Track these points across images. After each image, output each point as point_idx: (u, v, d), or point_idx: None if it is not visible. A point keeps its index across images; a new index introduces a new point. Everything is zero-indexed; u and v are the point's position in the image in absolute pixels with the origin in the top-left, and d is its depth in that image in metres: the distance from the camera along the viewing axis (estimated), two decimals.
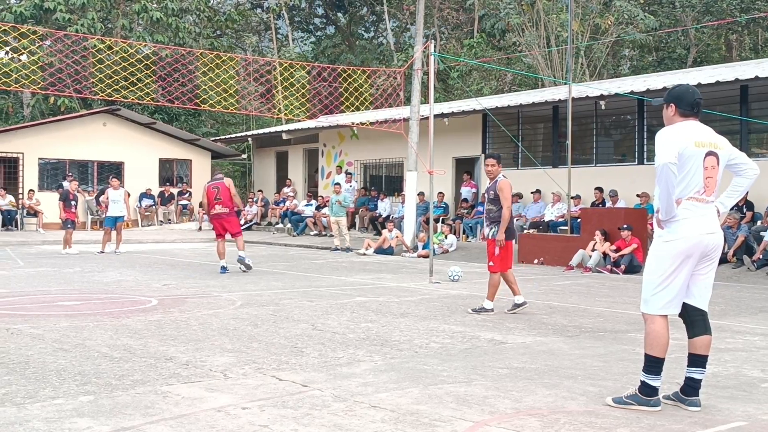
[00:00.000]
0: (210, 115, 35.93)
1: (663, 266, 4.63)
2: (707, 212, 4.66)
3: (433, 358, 6.20)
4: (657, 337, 4.65)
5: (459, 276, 12.54)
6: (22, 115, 32.44)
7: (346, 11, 43.25)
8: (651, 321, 4.69)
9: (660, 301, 4.65)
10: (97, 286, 11.21)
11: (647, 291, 4.71)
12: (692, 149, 4.57)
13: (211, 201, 13.90)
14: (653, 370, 4.66)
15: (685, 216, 4.59)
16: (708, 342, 4.73)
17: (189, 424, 4.25)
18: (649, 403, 4.64)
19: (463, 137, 21.96)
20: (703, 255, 4.65)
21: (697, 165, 4.59)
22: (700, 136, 4.64)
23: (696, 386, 4.71)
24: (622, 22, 28.72)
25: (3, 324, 7.51)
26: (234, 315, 8.35)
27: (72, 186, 19.11)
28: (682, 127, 4.65)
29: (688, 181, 4.59)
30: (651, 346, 4.67)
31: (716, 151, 4.67)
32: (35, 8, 31.03)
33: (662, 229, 4.66)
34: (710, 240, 4.64)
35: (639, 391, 4.68)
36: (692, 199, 4.60)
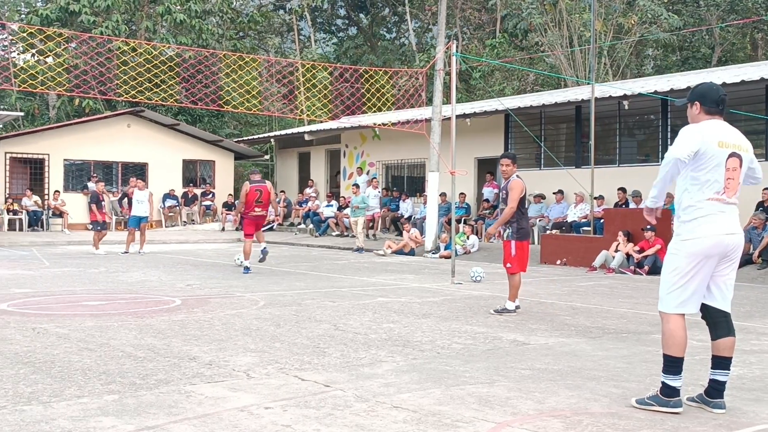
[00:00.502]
0: (233, 116, 36.12)
1: (681, 265, 4.60)
2: (728, 212, 4.61)
3: (456, 358, 6.19)
4: (674, 336, 4.61)
5: (481, 277, 12.52)
6: (47, 117, 32.80)
7: (368, 12, 43.30)
8: (667, 320, 4.66)
9: (676, 300, 4.62)
10: (121, 286, 11.31)
11: (664, 289, 4.69)
12: (715, 149, 4.54)
13: (252, 202, 13.76)
14: (672, 370, 4.61)
15: (705, 215, 4.56)
16: (732, 343, 4.67)
17: (212, 423, 4.28)
18: (670, 404, 4.60)
19: (486, 138, 21.91)
20: (722, 255, 4.60)
21: (719, 165, 4.55)
22: (724, 136, 4.59)
23: (720, 388, 4.66)
24: (646, 21, 28.53)
25: (29, 323, 7.60)
26: (257, 315, 8.39)
27: (99, 187, 19.28)
28: (707, 126, 4.61)
29: (710, 181, 4.55)
30: (668, 345, 4.64)
31: (740, 153, 4.63)
32: (61, 11, 31.36)
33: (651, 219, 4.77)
34: (730, 240, 4.59)
35: (660, 392, 4.64)
36: (712, 200, 4.57)
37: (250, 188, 13.84)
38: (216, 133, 32.19)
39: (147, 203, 18.69)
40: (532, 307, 9.42)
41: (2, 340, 6.65)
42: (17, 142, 25.76)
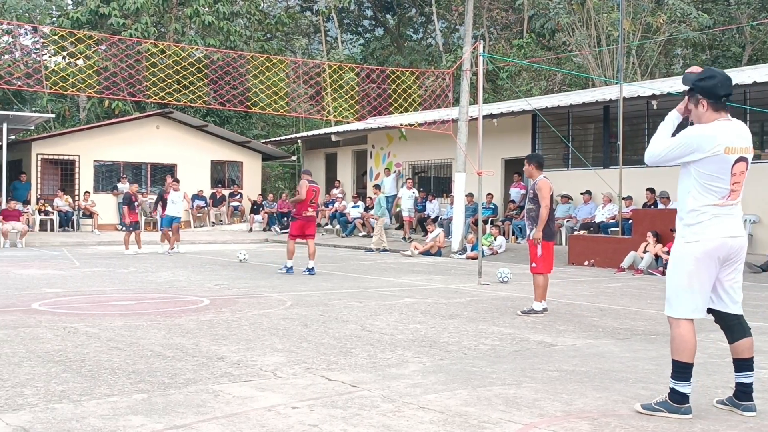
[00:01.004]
0: (260, 118, 36.31)
1: (685, 268, 4.53)
2: (732, 215, 4.54)
3: (482, 359, 6.18)
4: (683, 342, 4.53)
5: (508, 277, 12.48)
6: (78, 119, 33.17)
7: (395, 13, 43.31)
8: (676, 325, 4.58)
9: (684, 304, 4.54)
10: (150, 286, 11.41)
11: (671, 294, 4.61)
12: (722, 155, 4.42)
13: (307, 202, 13.64)
14: (681, 376, 4.54)
15: (709, 218, 4.48)
16: (750, 344, 4.60)
17: (240, 422, 4.31)
18: (680, 410, 4.51)
19: (513, 138, 21.83)
20: (726, 259, 4.53)
21: (725, 171, 4.45)
22: (732, 141, 4.45)
23: (748, 390, 4.60)
24: (675, 20, 28.26)
25: (60, 323, 7.70)
26: (284, 315, 8.43)
27: (132, 188, 19.51)
28: (714, 129, 4.46)
29: (716, 187, 4.46)
30: (677, 351, 4.56)
31: (747, 156, 4.52)
32: (91, 14, 31.71)
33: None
34: (734, 243, 4.53)
35: (669, 398, 4.57)
36: (717, 205, 4.48)
37: (309, 187, 13.65)
38: (244, 134, 32.38)
39: (181, 203, 18.88)
40: (560, 309, 9.37)
41: (34, 339, 6.74)
42: (48, 143, 26.10)
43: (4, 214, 21.06)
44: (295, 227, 13.81)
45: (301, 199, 13.62)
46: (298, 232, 13.78)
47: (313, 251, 13.74)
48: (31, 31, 32.83)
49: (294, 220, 13.99)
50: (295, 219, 13.90)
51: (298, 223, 13.75)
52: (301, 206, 13.67)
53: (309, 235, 13.82)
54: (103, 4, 31.78)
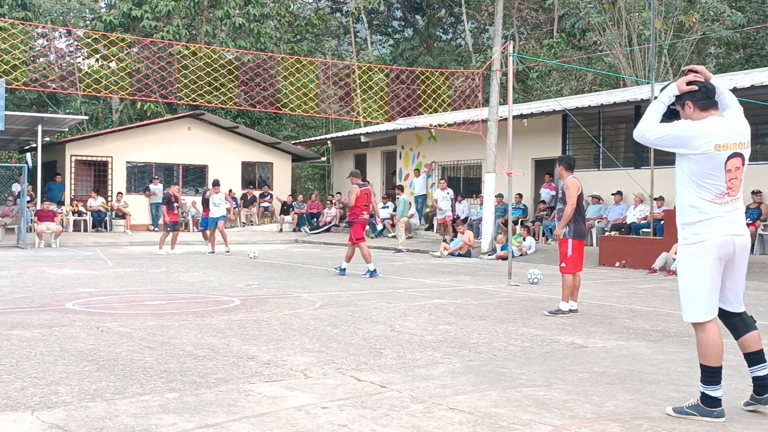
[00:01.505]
0: (290, 119, 36.48)
1: (693, 270, 4.50)
2: (733, 212, 4.50)
3: (512, 361, 6.16)
4: (710, 346, 4.47)
5: (538, 278, 12.42)
6: (111, 120, 33.55)
7: (425, 13, 43.27)
8: (701, 329, 4.52)
9: (702, 306, 4.49)
10: (182, 286, 11.52)
11: (687, 299, 4.56)
12: (713, 153, 4.40)
13: (361, 205, 13.44)
14: (711, 380, 4.48)
15: (709, 217, 4.45)
16: (757, 336, 4.58)
17: (270, 422, 4.34)
18: (713, 414, 4.46)
19: (543, 138, 21.72)
20: (731, 257, 4.50)
21: (718, 168, 4.41)
22: (722, 137, 4.41)
23: (765, 383, 4.54)
24: (708, 19, 27.93)
25: (94, 322, 7.80)
26: (314, 315, 8.46)
27: (173, 189, 19.74)
28: (705, 126, 4.44)
29: (710, 184, 4.44)
30: (704, 355, 4.50)
31: (741, 152, 4.48)
32: (123, 17, 32.07)
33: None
34: (737, 241, 4.50)
35: (701, 402, 4.51)
36: (715, 202, 4.45)
37: (360, 192, 13.46)
38: (274, 135, 32.56)
39: (224, 204, 19.23)
40: (591, 310, 9.31)
41: (68, 338, 6.84)
42: (82, 145, 26.43)
43: (39, 215, 21.37)
44: (358, 230, 13.53)
45: (350, 206, 13.51)
46: (363, 234, 13.58)
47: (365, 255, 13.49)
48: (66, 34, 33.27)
49: (351, 225, 13.76)
50: (352, 223, 13.66)
51: (358, 226, 13.51)
52: (356, 210, 13.47)
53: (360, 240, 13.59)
54: (136, 7, 32.13)
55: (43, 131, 23.79)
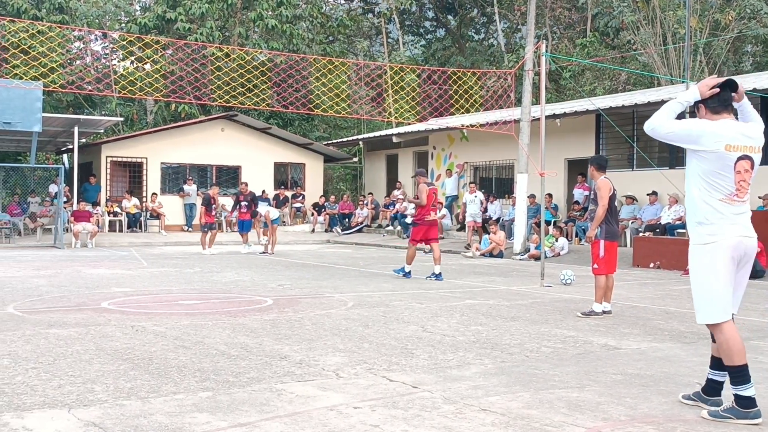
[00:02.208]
0: (322, 120, 36.60)
1: (706, 270, 4.50)
2: (743, 214, 4.54)
3: (545, 362, 6.13)
4: (732, 345, 4.45)
5: (571, 280, 12.34)
6: (145, 122, 33.92)
7: (457, 14, 43.18)
8: (719, 330, 4.50)
9: (718, 307, 4.48)
10: (215, 286, 11.61)
11: (702, 301, 4.53)
12: (722, 152, 4.45)
13: (429, 205, 13.13)
14: (740, 380, 4.44)
15: (720, 217, 4.48)
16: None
17: (302, 421, 4.36)
18: (749, 415, 4.41)
19: (576, 138, 21.57)
20: (740, 258, 4.52)
21: (727, 168, 4.46)
22: (734, 138, 4.47)
23: (720, 388, 4.67)
24: (744, 16, 27.53)
25: (129, 321, 7.89)
26: (346, 315, 8.48)
27: (213, 191, 19.97)
28: (718, 126, 4.50)
29: (720, 184, 4.47)
30: (729, 356, 4.46)
31: (752, 156, 4.53)
32: (158, 19, 32.42)
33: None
34: (748, 243, 4.54)
35: (736, 404, 4.46)
36: (725, 201, 4.48)
37: (429, 190, 13.10)
38: (306, 136, 32.69)
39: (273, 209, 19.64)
40: (624, 311, 9.23)
41: (103, 337, 6.93)
42: (117, 146, 26.74)
43: (75, 215, 21.67)
44: (418, 232, 13.23)
45: (423, 204, 13.11)
46: (421, 236, 13.24)
47: (438, 256, 13.13)
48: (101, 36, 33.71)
49: (415, 225, 13.43)
50: (417, 224, 13.33)
51: (421, 228, 13.18)
52: (423, 210, 13.12)
53: (432, 239, 13.30)
54: (170, 9, 32.46)
55: (80, 133, 24.13)
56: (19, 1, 31.58)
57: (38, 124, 20.70)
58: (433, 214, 13.30)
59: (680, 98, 4.65)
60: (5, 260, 15.95)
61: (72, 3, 32.71)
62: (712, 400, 4.66)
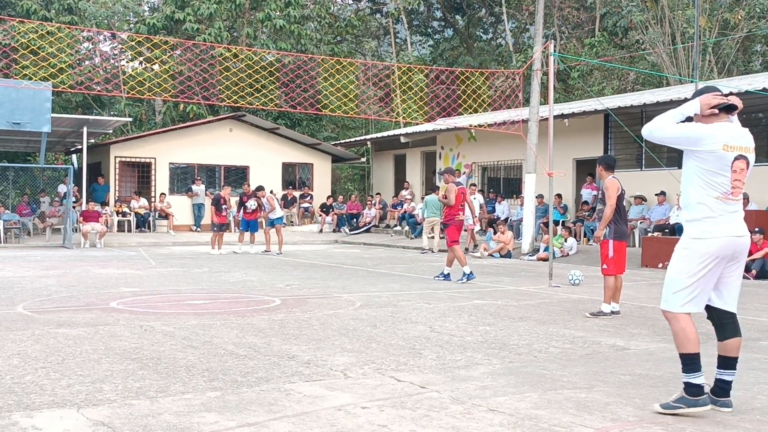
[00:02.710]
0: (330, 120, 36.64)
1: (691, 265, 4.60)
2: (736, 213, 4.66)
3: (553, 362, 6.12)
4: (686, 333, 4.61)
5: (580, 280, 12.31)
6: (154, 122, 34.01)
7: (465, 13, 43.15)
8: (675, 319, 4.66)
9: (683, 300, 4.62)
10: (224, 285, 11.63)
11: (671, 289, 4.68)
12: (721, 152, 4.58)
13: (458, 205, 12.79)
14: (692, 368, 4.59)
15: (717, 216, 4.59)
16: (739, 344, 4.72)
17: (310, 421, 4.36)
18: (698, 402, 4.56)
19: (584, 138, 21.53)
20: (731, 258, 4.63)
21: (724, 167, 4.59)
22: (730, 139, 4.62)
23: (727, 388, 4.70)
24: (754, 16, 27.43)
25: (137, 321, 7.91)
26: (353, 315, 8.49)
27: (225, 191, 20.01)
28: (715, 129, 4.64)
29: (716, 183, 4.59)
30: (682, 344, 4.63)
31: (747, 156, 4.67)
32: (166, 19, 32.50)
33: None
34: (740, 242, 4.65)
35: (685, 393, 4.60)
36: (721, 199, 4.60)
37: (458, 190, 12.80)
38: (314, 136, 32.72)
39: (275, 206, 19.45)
40: (633, 312, 9.20)
41: (112, 337, 6.95)
42: (126, 146, 26.82)
43: (84, 216, 21.74)
44: (454, 232, 12.81)
45: (452, 204, 12.77)
46: (458, 236, 12.91)
47: (453, 258, 12.83)
48: (110, 37, 33.82)
49: (446, 226, 13.04)
50: (448, 225, 12.94)
51: (454, 228, 12.81)
52: (453, 211, 12.76)
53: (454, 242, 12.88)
54: (178, 9, 32.53)
55: (88, 133, 24.20)
56: (29, 2, 31.70)
57: (47, 125, 20.78)
58: (461, 215, 12.98)
59: (682, 109, 4.77)
60: (15, 260, 16.02)
61: (81, 4, 32.82)
62: (721, 401, 4.68)
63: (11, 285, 11.24)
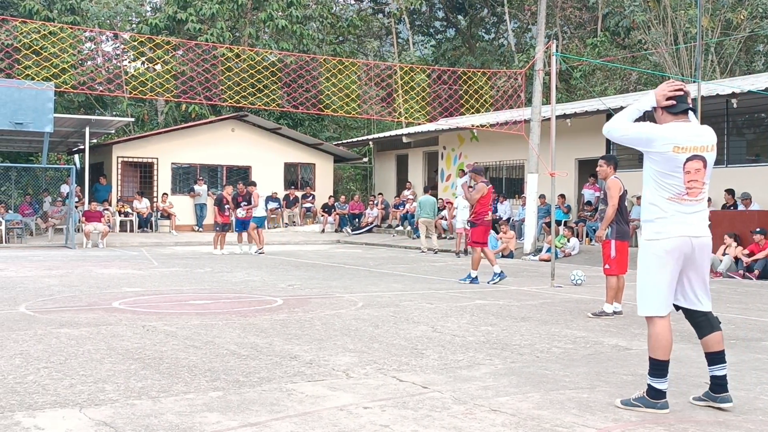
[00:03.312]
0: (333, 120, 36.65)
1: (650, 266, 4.69)
2: (693, 214, 4.66)
3: (555, 363, 6.12)
4: (660, 340, 4.67)
5: (582, 280, 12.30)
6: (156, 122, 34.03)
7: (467, 14, 43.14)
8: (653, 324, 4.71)
9: (654, 302, 4.67)
10: (226, 285, 11.64)
11: (641, 293, 4.75)
12: (670, 154, 4.62)
13: (487, 204, 12.50)
14: (658, 373, 4.66)
15: (668, 217, 4.63)
16: (719, 338, 4.77)
17: (312, 421, 4.36)
18: (656, 405, 4.64)
19: (586, 138, 21.50)
20: (688, 257, 4.66)
21: (676, 168, 4.62)
22: (683, 140, 4.62)
23: (722, 383, 4.73)
24: (756, 16, 27.40)
25: (139, 321, 7.92)
26: (355, 315, 8.49)
27: (227, 190, 20.01)
28: (666, 130, 4.68)
29: (669, 184, 4.64)
30: (654, 348, 4.69)
31: (703, 155, 4.66)
32: (168, 20, 32.52)
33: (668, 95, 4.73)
34: (697, 243, 4.67)
35: (647, 394, 4.69)
36: (674, 200, 4.63)
37: (488, 189, 12.47)
38: (316, 136, 32.73)
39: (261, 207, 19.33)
40: (635, 312, 9.16)
41: (114, 337, 6.95)
42: (128, 146, 26.84)
43: (86, 216, 21.76)
44: (481, 233, 12.45)
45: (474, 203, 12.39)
46: (487, 238, 12.63)
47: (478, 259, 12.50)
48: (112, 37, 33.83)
49: (473, 225, 12.59)
50: (475, 225, 12.52)
51: (482, 229, 12.45)
52: (482, 210, 12.39)
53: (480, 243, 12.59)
54: (181, 10, 32.55)
55: (91, 133, 24.22)
56: (31, 2, 31.73)
57: (50, 125, 20.80)
58: (490, 215, 12.61)
59: (638, 105, 4.82)
60: (17, 260, 16.03)
61: (83, 4, 32.85)
62: (720, 397, 4.71)
63: (14, 285, 11.25)
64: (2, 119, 20.34)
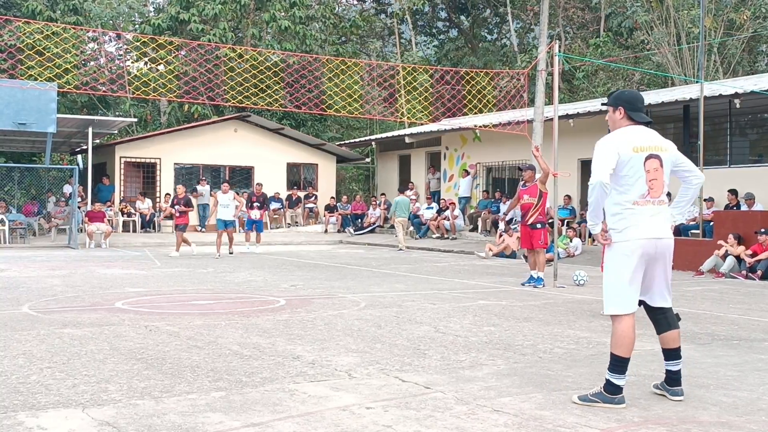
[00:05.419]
0: (335, 120, 36.65)
1: (617, 266, 4.82)
2: (656, 215, 4.78)
3: (558, 363, 6.11)
4: (623, 337, 4.80)
5: (584, 280, 12.29)
6: (159, 123, 34.05)
7: (469, 14, 43.14)
8: (618, 321, 4.83)
9: (620, 301, 4.81)
10: (228, 286, 11.64)
11: (607, 292, 4.89)
12: (630, 154, 4.72)
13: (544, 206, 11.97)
14: (618, 369, 4.77)
15: (633, 222, 4.75)
16: (676, 335, 4.97)
17: (315, 422, 4.37)
18: (614, 400, 4.74)
19: (589, 139, 21.42)
20: (652, 258, 4.80)
21: (637, 169, 4.73)
22: (639, 141, 4.77)
23: (676, 377, 4.95)
24: (759, 16, 27.38)
25: (142, 321, 7.92)
26: (358, 316, 8.49)
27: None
28: (622, 134, 4.81)
29: (631, 186, 4.73)
30: (616, 345, 4.81)
31: (659, 154, 4.80)
32: (171, 20, 32.54)
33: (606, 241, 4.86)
34: (660, 244, 4.82)
35: (604, 389, 4.78)
36: (639, 203, 4.74)
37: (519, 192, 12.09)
38: (319, 136, 32.74)
39: (232, 205, 18.29)
40: (638, 312, 9.16)
41: (117, 337, 6.96)
42: (131, 147, 26.86)
43: (89, 216, 21.78)
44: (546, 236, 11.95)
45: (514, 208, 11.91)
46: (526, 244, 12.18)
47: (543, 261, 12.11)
48: (115, 38, 33.88)
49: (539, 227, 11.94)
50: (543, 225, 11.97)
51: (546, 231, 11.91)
52: (544, 212, 11.99)
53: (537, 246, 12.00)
54: (183, 10, 32.58)
55: (94, 133, 24.26)
56: (34, 2, 31.78)
57: (53, 125, 20.83)
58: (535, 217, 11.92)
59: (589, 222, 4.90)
60: (20, 260, 16.06)
61: (86, 4, 32.89)
62: (672, 390, 4.96)
63: (17, 285, 11.27)
64: (5, 119, 20.38)
